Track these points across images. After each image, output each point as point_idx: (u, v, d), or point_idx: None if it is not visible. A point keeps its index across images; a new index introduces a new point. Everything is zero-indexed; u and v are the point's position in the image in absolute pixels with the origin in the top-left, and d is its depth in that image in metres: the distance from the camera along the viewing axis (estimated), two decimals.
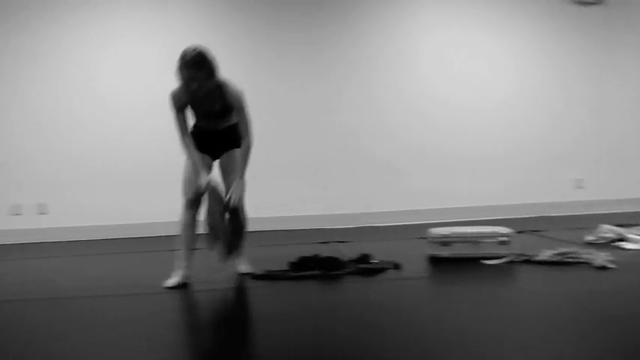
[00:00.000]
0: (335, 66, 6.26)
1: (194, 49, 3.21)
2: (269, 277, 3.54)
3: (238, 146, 3.51)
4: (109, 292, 3.36)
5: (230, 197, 3.40)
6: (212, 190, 3.37)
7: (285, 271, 3.63)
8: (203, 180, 3.39)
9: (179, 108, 3.40)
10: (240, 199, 3.48)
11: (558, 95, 6.60)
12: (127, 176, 5.95)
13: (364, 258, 3.82)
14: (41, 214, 5.91)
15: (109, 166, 5.95)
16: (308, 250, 4.02)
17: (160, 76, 5.98)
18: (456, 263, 3.74)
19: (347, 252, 4.20)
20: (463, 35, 6.43)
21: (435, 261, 3.85)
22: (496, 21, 6.51)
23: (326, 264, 3.62)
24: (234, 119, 3.53)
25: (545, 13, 6.55)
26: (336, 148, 6.25)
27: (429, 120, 6.39)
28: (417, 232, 5.02)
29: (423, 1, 6.40)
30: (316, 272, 3.54)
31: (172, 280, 3.39)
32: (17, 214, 5.88)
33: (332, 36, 6.26)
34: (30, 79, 5.91)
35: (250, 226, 6.08)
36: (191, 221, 3.55)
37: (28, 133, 5.89)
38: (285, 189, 6.16)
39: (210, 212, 3.33)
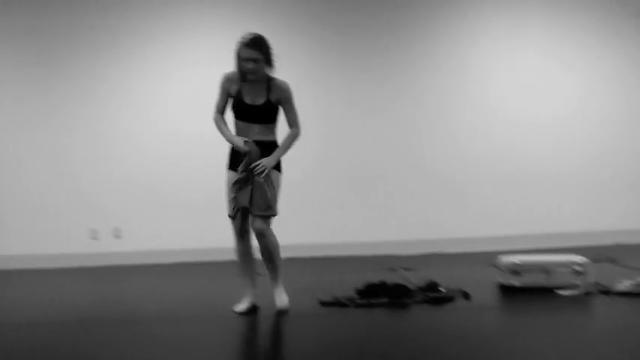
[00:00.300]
0: (405, 90, 6.26)
1: (254, 33, 3.32)
2: (336, 303, 3.55)
3: (275, 167, 3.49)
4: (180, 316, 3.45)
5: (257, 164, 3.36)
6: (251, 150, 3.38)
7: (352, 298, 3.63)
8: (240, 142, 3.39)
9: (225, 90, 3.48)
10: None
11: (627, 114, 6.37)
12: (198, 201, 6.11)
13: (432, 286, 3.77)
14: (116, 237, 6.14)
15: (181, 191, 6.12)
16: (375, 277, 4.00)
17: None
18: (527, 293, 3.64)
19: (414, 279, 4.16)
20: (534, 57, 6.31)
21: (506, 290, 3.76)
22: (569, 46, 6.36)
23: (394, 291, 3.60)
24: (272, 134, 3.52)
25: (613, 31, 6.36)
26: (404, 172, 6.22)
27: (498, 145, 6.27)
28: (486, 259, 4.92)
29: (493, 26, 6.33)
30: (384, 300, 3.53)
31: (241, 306, 3.45)
32: (94, 239, 6.14)
33: (402, 61, 6.27)
34: (103, 110, 6.18)
35: (317, 252, 6.12)
36: (243, 249, 3.60)
37: (104, 161, 6.15)
38: (351, 214, 6.17)
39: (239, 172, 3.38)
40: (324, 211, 6.18)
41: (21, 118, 6.23)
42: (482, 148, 6.27)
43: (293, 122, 3.53)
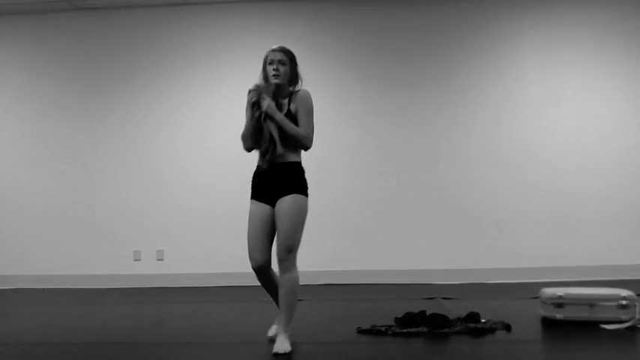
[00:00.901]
0: (444, 123, 6.26)
1: None
2: (374, 332, 3.53)
3: (295, 191, 3.17)
4: (216, 340, 3.48)
5: (264, 104, 3.17)
6: (258, 87, 3.22)
7: (390, 326, 3.60)
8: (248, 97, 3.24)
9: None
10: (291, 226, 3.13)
11: None
12: (238, 226, 6.18)
13: (473, 317, 3.71)
14: (159, 260, 6.26)
15: (222, 216, 6.22)
16: (414, 306, 3.97)
17: None
18: (571, 327, 3.55)
19: (454, 309, 4.10)
20: (574, 98, 6.23)
21: (548, 323, 3.68)
22: (616, 83, 6.26)
23: (433, 321, 3.56)
24: (293, 155, 3.24)
25: None
26: (443, 202, 6.18)
27: (544, 176, 6.18)
28: (528, 291, 4.83)
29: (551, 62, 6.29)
30: (423, 329, 3.49)
31: (272, 330, 3.43)
32: (138, 260, 6.27)
33: (444, 98, 6.29)
34: (152, 137, 6.38)
35: (356, 279, 6.09)
36: (265, 284, 3.36)
37: (150, 186, 6.33)
38: (391, 241, 6.14)
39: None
40: (363, 238, 6.17)
41: (73, 142, 6.47)
42: (528, 177, 6.18)
43: (306, 131, 3.22)
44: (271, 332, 3.40)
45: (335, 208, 6.16)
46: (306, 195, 3.25)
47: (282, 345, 3.06)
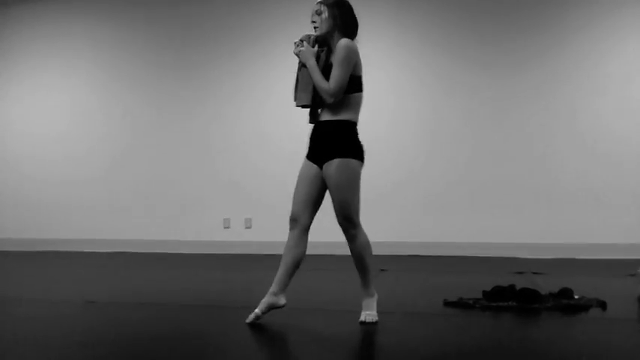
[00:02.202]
0: (538, 94, 6.00)
1: None
2: (461, 305, 3.49)
3: (343, 155, 2.95)
4: (303, 306, 3.55)
5: (296, 50, 3.06)
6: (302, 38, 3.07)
7: (478, 299, 3.55)
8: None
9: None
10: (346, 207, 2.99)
11: None
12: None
13: (565, 293, 3.59)
14: (247, 228, 6.45)
15: None
16: (502, 280, 3.89)
17: (374, 107, 6.25)
18: None
19: (545, 285, 3.98)
20: None
21: None
22: None
23: (523, 296, 3.47)
24: (340, 112, 2.97)
25: None
26: (532, 174, 5.97)
27: (637, 151, 5.82)
28: (624, 268, 4.61)
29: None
30: (512, 304, 3.41)
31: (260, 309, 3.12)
32: (227, 228, 6.49)
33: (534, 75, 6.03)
34: (239, 110, 6.52)
35: (441, 251, 6.02)
36: (288, 246, 3.23)
37: (239, 157, 6.49)
38: (481, 214, 6.02)
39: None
40: (448, 209, 6.08)
41: (166, 115, 6.73)
42: (620, 153, 5.84)
43: (331, 82, 2.91)
44: (255, 314, 3.07)
45: (426, 181, 6.09)
46: (355, 157, 2.97)
47: (370, 314, 3.06)
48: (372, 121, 6.16)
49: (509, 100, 6.02)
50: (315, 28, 3.05)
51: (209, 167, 6.56)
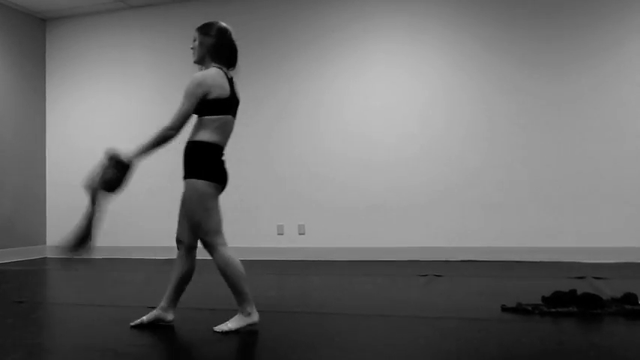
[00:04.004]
0: (593, 98, 5.85)
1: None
2: (520, 310, 3.42)
3: (190, 176, 3.09)
4: (357, 312, 3.55)
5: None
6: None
7: (537, 305, 3.47)
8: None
9: None
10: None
11: None
12: (378, 201, 6.25)
13: (629, 298, 3.47)
14: (300, 234, 6.49)
15: (361, 193, 6.31)
16: (562, 285, 3.79)
17: (429, 108, 6.22)
18: None
19: (607, 290, 3.86)
20: None
21: None
22: None
23: (584, 301, 3.38)
24: (195, 134, 3.08)
25: None
26: (591, 177, 5.80)
27: None
28: None
29: None
30: (572, 309, 3.33)
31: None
32: (281, 234, 6.55)
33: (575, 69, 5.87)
34: (293, 113, 6.58)
35: (497, 256, 5.92)
36: (177, 262, 3.30)
37: (292, 163, 6.55)
38: (535, 218, 5.88)
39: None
40: (509, 214, 5.96)
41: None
42: None
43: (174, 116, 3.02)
44: (141, 320, 3.21)
45: (483, 186, 6.00)
46: (201, 178, 3.09)
47: (224, 325, 3.07)
48: (426, 125, 6.15)
49: (567, 101, 5.87)
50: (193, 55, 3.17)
51: (263, 174, 6.64)
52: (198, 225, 3.12)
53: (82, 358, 2.71)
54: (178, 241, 3.29)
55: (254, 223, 6.63)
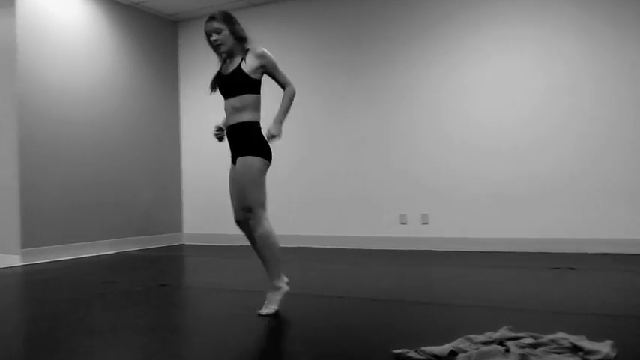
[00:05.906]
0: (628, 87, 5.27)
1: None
2: None
3: (250, 153, 3.26)
4: (479, 303, 3.47)
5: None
6: None
7: None
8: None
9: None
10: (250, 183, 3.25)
11: None
12: (501, 191, 6.05)
13: None
14: (423, 224, 6.44)
15: (483, 182, 6.14)
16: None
17: (549, 94, 5.95)
18: None
19: None
20: None
21: None
22: None
23: None
24: (246, 114, 3.32)
25: None
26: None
27: None
28: None
29: None
30: None
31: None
32: (403, 224, 6.54)
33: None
34: (410, 106, 6.52)
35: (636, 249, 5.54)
36: (247, 237, 3.54)
37: (415, 153, 6.51)
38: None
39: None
40: (549, 209, 5.56)
41: (341, 112, 6.93)
42: None
43: (286, 79, 3.41)
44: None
45: (599, 169, 5.64)
46: (260, 156, 3.28)
47: (266, 307, 3.23)
48: (547, 112, 5.86)
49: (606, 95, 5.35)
50: (217, 46, 3.42)
51: (385, 164, 6.65)
52: (255, 198, 3.25)
53: (222, 341, 2.88)
54: (239, 222, 3.48)
55: (376, 212, 6.67)
